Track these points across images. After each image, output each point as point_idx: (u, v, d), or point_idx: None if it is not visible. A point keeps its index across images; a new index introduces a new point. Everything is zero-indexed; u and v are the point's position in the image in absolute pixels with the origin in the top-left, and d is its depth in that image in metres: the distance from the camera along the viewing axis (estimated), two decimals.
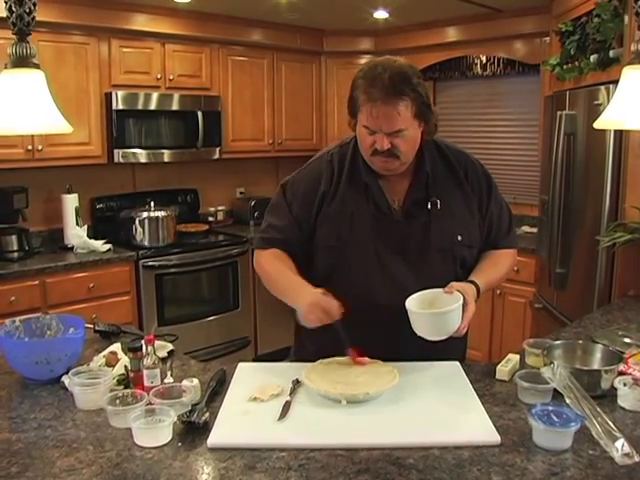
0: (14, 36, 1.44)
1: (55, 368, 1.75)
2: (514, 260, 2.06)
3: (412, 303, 1.70)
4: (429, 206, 1.86)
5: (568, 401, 1.48)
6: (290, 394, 1.63)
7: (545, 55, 4.13)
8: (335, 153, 1.93)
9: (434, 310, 1.69)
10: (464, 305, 1.70)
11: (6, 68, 1.44)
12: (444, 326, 1.67)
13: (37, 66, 1.45)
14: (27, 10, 1.37)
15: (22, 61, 1.44)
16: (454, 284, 1.75)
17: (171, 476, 1.29)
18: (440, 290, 1.74)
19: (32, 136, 3.71)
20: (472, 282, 1.82)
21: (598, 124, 1.89)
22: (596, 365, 1.74)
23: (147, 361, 1.65)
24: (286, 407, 1.55)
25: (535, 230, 4.39)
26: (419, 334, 1.69)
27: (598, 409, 1.44)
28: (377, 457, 1.35)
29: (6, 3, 1.40)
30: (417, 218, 1.86)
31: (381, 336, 1.78)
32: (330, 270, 1.89)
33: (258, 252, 1.99)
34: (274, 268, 1.90)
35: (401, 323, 1.75)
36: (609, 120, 1.88)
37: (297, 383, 1.69)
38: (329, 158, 1.93)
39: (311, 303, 1.69)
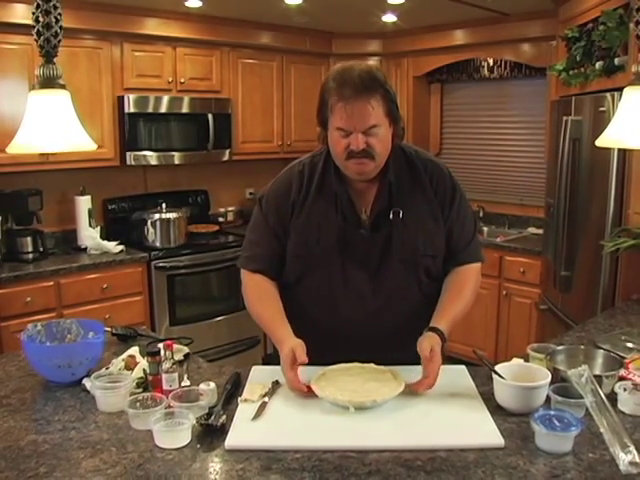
0: (41, 58, 1.50)
1: (76, 371, 1.81)
2: (478, 277, 1.97)
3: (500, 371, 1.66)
4: (391, 216, 1.84)
5: (588, 404, 1.50)
6: (266, 395, 1.68)
7: (552, 58, 4.17)
8: (307, 163, 1.93)
9: (526, 384, 1.62)
10: (434, 356, 1.68)
11: (34, 89, 1.51)
12: (530, 400, 1.61)
13: (63, 87, 1.52)
14: (54, 33, 1.45)
15: (49, 82, 1.50)
16: (424, 348, 1.67)
17: (191, 477, 1.35)
18: (527, 365, 1.76)
19: None
20: (435, 329, 1.75)
21: (600, 142, 1.94)
22: (597, 370, 1.79)
23: (165, 365, 1.71)
24: (261, 408, 1.62)
25: (541, 231, 4.43)
26: (501, 404, 1.65)
27: (616, 418, 1.45)
28: (387, 459, 1.41)
29: (34, 27, 1.47)
30: (381, 229, 1.85)
31: (345, 348, 1.80)
32: (297, 279, 1.91)
33: (244, 273, 1.96)
34: (261, 307, 1.89)
35: (362, 335, 1.82)
36: (610, 139, 1.92)
37: (276, 384, 1.74)
38: (300, 168, 1.93)
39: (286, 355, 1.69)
